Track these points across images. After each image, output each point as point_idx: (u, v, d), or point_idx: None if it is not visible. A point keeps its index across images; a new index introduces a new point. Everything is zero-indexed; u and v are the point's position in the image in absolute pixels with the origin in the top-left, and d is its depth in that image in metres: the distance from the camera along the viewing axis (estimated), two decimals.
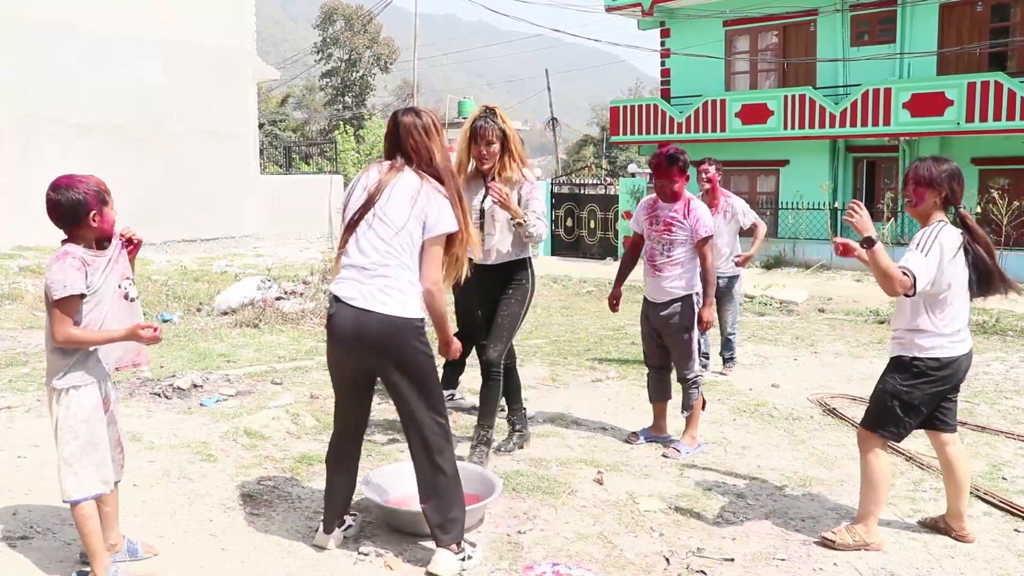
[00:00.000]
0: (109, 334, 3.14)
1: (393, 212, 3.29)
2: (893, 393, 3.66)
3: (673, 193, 4.93)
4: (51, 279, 3.03)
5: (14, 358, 6.87)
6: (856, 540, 3.67)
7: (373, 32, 56.38)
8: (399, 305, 3.26)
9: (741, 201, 7.02)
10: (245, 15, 17.26)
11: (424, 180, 3.33)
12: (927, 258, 3.54)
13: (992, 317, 10.10)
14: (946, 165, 3.73)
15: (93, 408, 3.15)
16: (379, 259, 3.28)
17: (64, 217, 3.09)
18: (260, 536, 3.67)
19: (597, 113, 62.72)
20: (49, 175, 12.46)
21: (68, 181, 3.12)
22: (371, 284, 3.27)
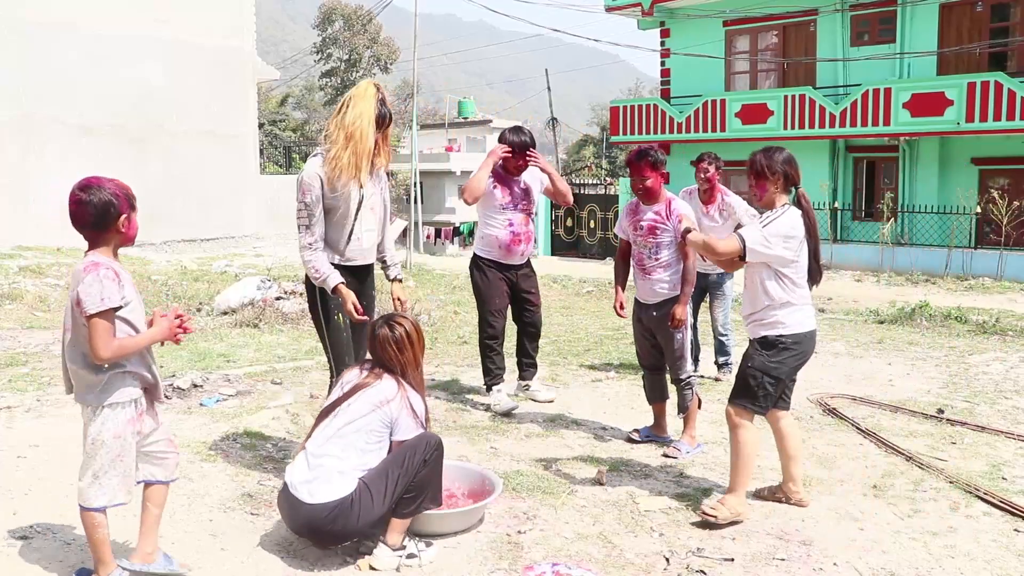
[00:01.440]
0: (150, 336, 3.05)
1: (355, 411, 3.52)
2: (763, 369, 3.95)
3: (647, 190, 4.86)
4: (86, 292, 2.88)
5: (14, 358, 6.87)
6: (732, 512, 3.89)
7: (373, 32, 56.37)
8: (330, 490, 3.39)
9: (740, 200, 6.90)
10: (245, 15, 17.26)
11: (400, 389, 3.55)
12: (764, 229, 3.87)
13: (992, 317, 10.09)
14: (778, 154, 4.05)
15: (126, 423, 3.07)
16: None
17: (93, 219, 2.94)
18: (260, 536, 3.67)
19: (597, 113, 62.72)
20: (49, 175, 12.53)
21: (97, 181, 2.96)
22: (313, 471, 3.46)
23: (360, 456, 3.46)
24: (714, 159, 6.73)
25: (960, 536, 3.83)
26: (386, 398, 3.51)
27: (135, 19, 15.33)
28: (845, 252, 18.46)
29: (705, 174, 6.67)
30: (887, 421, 5.70)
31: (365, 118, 3.96)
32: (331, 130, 4.02)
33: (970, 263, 16.50)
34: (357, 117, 3.95)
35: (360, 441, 3.47)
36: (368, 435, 3.49)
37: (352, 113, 3.96)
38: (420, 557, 3.43)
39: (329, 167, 3.97)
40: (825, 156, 19.96)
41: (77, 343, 2.98)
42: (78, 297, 2.90)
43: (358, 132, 3.94)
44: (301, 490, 3.39)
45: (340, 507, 3.34)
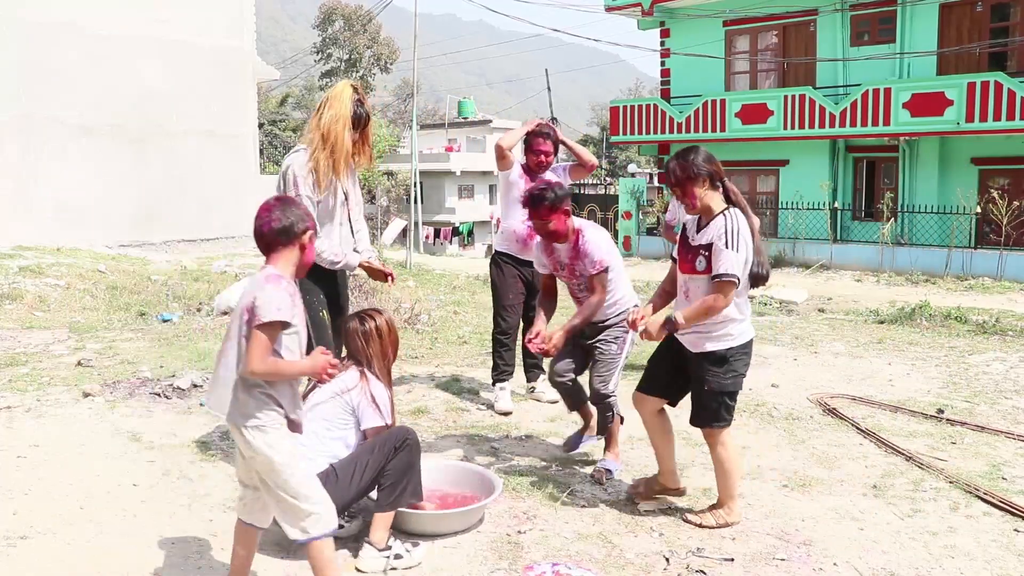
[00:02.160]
0: (303, 366, 2.93)
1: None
2: (721, 391, 3.83)
3: (552, 233, 4.41)
4: (264, 299, 2.78)
5: (14, 358, 6.87)
6: (719, 521, 3.88)
7: (373, 32, 56.40)
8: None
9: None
10: (245, 15, 17.25)
11: (362, 379, 3.61)
12: (739, 254, 3.65)
13: (992, 317, 10.09)
14: (694, 155, 3.79)
15: (287, 445, 2.91)
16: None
17: (280, 230, 2.87)
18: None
19: (597, 113, 62.74)
20: (49, 175, 12.47)
21: (288, 198, 2.99)
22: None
23: (320, 443, 3.50)
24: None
25: (960, 536, 3.83)
26: (346, 387, 3.57)
27: (135, 19, 15.32)
28: (845, 252, 18.47)
29: None
30: (887, 421, 5.70)
31: (341, 120, 3.98)
32: (309, 131, 4.06)
33: (970, 263, 16.50)
34: (332, 120, 3.97)
35: (319, 427, 3.51)
36: (326, 422, 3.53)
37: (328, 115, 3.98)
38: (407, 557, 3.42)
39: (312, 167, 4.00)
40: (825, 156, 19.97)
41: (236, 355, 2.86)
42: (253, 304, 2.79)
43: (334, 134, 3.97)
44: None
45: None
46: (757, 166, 21.02)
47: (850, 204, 20.00)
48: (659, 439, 4.11)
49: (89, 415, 5.32)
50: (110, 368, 6.59)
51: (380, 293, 10.26)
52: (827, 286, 15.50)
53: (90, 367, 6.59)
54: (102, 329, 8.37)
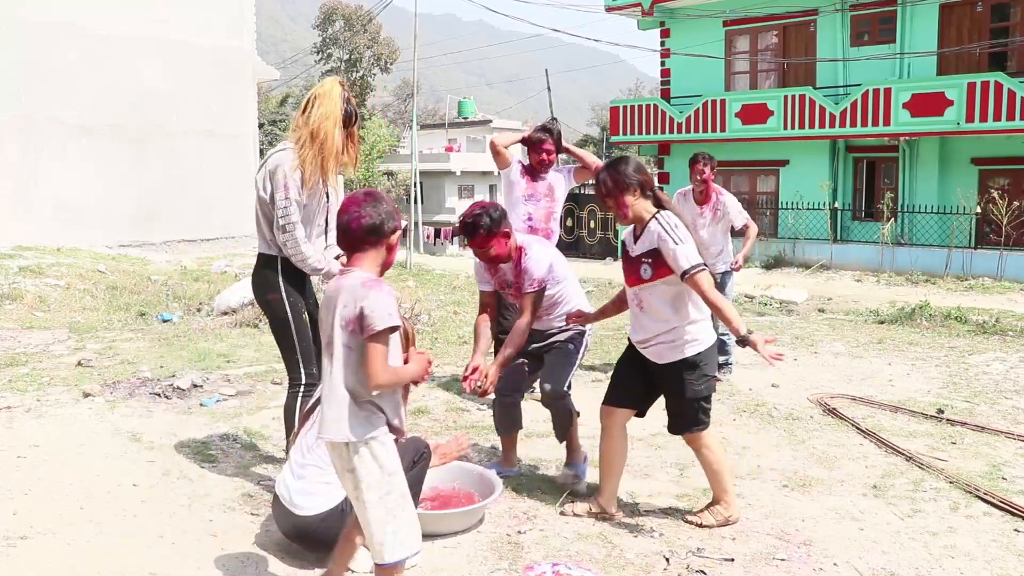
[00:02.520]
0: (412, 371, 2.79)
1: None
2: (696, 397, 3.80)
3: (495, 258, 4.24)
4: (374, 307, 2.61)
5: (14, 358, 6.87)
6: (718, 518, 3.88)
7: (373, 32, 56.37)
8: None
9: (734, 200, 6.87)
10: (245, 15, 17.25)
11: None
12: (689, 243, 3.65)
13: (992, 317, 10.09)
14: (623, 165, 3.75)
15: (396, 455, 2.80)
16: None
17: (369, 229, 2.72)
18: (260, 536, 3.67)
19: (597, 113, 62.71)
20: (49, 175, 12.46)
21: (375, 192, 2.79)
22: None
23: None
24: (708, 159, 6.70)
25: (960, 536, 3.83)
26: None
27: (135, 19, 15.31)
28: (845, 252, 18.47)
29: (701, 175, 6.66)
30: (887, 421, 5.70)
31: (331, 118, 3.88)
32: (297, 129, 3.94)
33: (970, 263, 16.50)
34: (323, 117, 3.87)
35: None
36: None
37: (318, 112, 3.88)
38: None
39: (295, 166, 3.89)
40: (825, 156, 19.97)
41: (343, 372, 2.69)
42: (362, 313, 2.62)
43: (323, 132, 3.86)
44: (290, 501, 3.39)
45: (330, 516, 3.33)
46: (757, 166, 21.02)
47: (850, 204, 20.00)
48: (616, 457, 3.98)
49: (89, 415, 5.32)
50: (110, 368, 6.58)
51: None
52: (827, 286, 15.50)
53: (90, 367, 6.59)
54: (102, 329, 8.37)
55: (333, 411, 2.70)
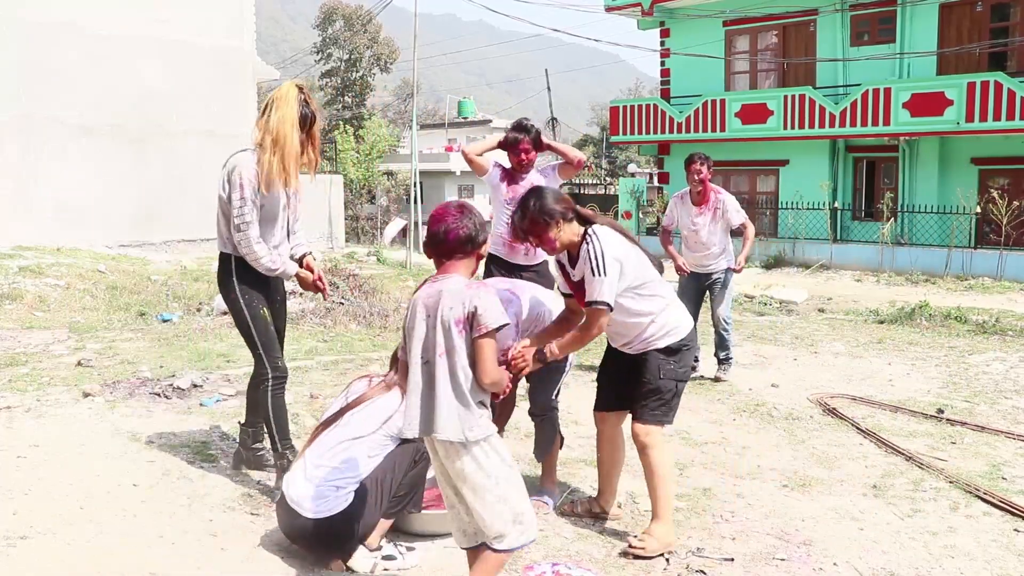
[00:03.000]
0: (504, 370, 2.93)
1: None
2: (675, 377, 3.67)
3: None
4: (486, 306, 2.72)
5: (14, 358, 6.87)
6: (662, 543, 3.58)
7: (373, 32, 56.37)
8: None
9: (732, 199, 6.86)
10: (245, 15, 17.25)
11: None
12: (608, 277, 3.46)
13: (992, 317, 10.09)
14: (534, 203, 3.54)
15: (506, 448, 2.92)
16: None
17: (467, 241, 2.83)
18: (260, 536, 3.67)
19: (597, 113, 62.73)
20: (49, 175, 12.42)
21: (467, 204, 2.92)
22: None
23: (360, 467, 3.45)
24: (704, 159, 6.67)
25: (960, 536, 3.83)
26: (390, 413, 3.51)
27: (135, 19, 15.31)
28: (845, 252, 18.47)
29: (698, 175, 6.65)
30: (887, 421, 5.70)
31: (288, 121, 3.96)
32: (258, 133, 4.01)
33: (970, 263, 16.50)
34: (280, 121, 3.95)
35: (363, 455, 3.47)
36: (371, 448, 3.49)
37: (275, 116, 3.96)
38: (400, 560, 3.42)
39: (260, 170, 3.97)
40: (825, 156, 19.97)
41: (454, 373, 2.76)
42: (475, 312, 2.72)
43: (282, 136, 3.94)
44: (297, 503, 3.38)
45: (335, 521, 3.34)
46: (757, 166, 21.02)
47: (850, 204, 20.00)
48: (614, 460, 3.94)
49: (89, 415, 5.32)
50: (110, 368, 6.58)
51: (381, 293, 10.26)
52: (827, 286, 15.50)
53: (90, 367, 6.59)
54: (102, 329, 8.37)
55: (444, 412, 2.75)
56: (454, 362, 2.75)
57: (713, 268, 6.88)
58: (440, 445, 2.81)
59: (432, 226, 2.86)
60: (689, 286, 6.95)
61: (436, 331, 2.76)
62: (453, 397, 2.76)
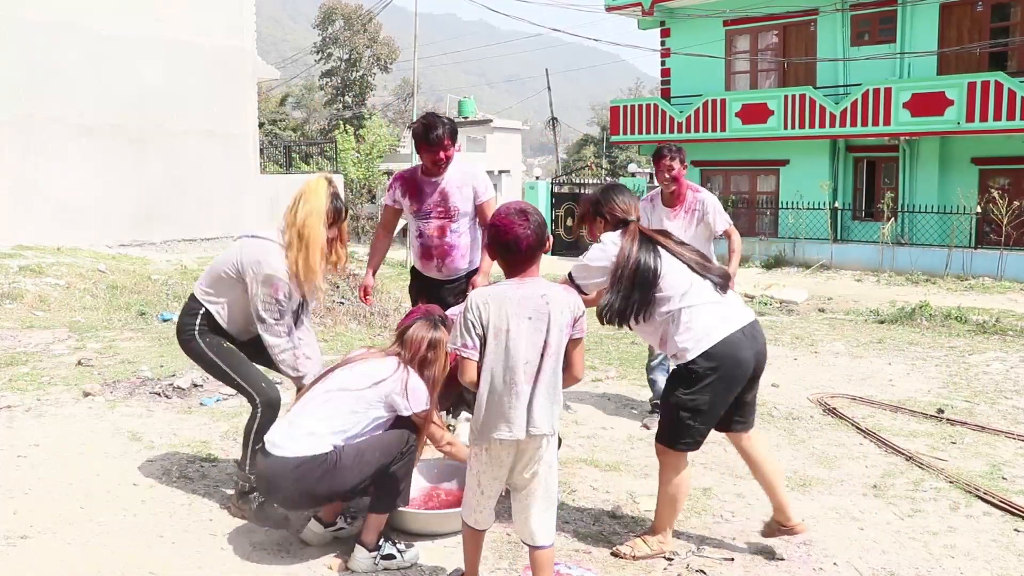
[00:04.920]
0: None
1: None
2: (677, 406, 3.42)
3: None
4: (582, 310, 3.02)
5: (14, 358, 6.87)
6: (653, 549, 3.54)
7: (373, 32, 56.39)
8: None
9: (714, 200, 5.60)
10: (245, 14, 17.24)
11: (401, 369, 3.44)
12: (587, 260, 3.47)
13: (992, 317, 10.10)
14: (604, 191, 3.61)
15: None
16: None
17: (538, 246, 2.97)
18: (260, 536, 3.67)
19: (597, 113, 62.77)
20: (49, 175, 12.45)
21: (527, 207, 3.01)
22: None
23: (341, 421, 3.36)
24: (676, 152, 5.50)
25: (960, 536, 3.83)
26: (384, 376, 3.42)
27: (135, 19, 15.31)
28: (845, 252, 18.47)
29: (669, 171, 5.46)
30: (887, 421, 5.70)
31: (315, 215, 3.76)
32: (286, 227, 3.79)
33: (970, 263, 16.50)
34: (308, 214, 3.74)
35: (345, 408, 3.38)
36: (356, 403, 3.39)
37: (304, 210, 3.75)
38: (399, 558, 3.41)
39: (289, 268, 3.74)
40: (825, 156, 19.98)
41: (554, 372, 2.94)
42: (580, 317, 3.00)
43: (309, 231, 3.73)
44: (273, 443, 3.37)
45: (305, 465, 3.27)
46: (757, 166, 21.02)
47: (850, 204, 20.00)
48: (758, 473, 3.68)
49: (89, 415, 5.32)
50: (110, 368, 6.58)
51: (381, 293, 10.26)
52: (827, 286, 15.50)
53: (90, 367, 6.59)
54: (102, 329, 8.37)
55: (544, 407, 2.92)
56: (557, 360, 2.94)
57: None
58: (528, 440, 2.92)
59: (502, 236, 2.95)
60: None
61: (544, 333, 2.91)
62: (551, 393, 2.94)
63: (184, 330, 3.94)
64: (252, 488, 3.80)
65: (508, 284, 2.96)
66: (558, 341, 2.92)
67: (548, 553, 2.98)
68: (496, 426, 2.89)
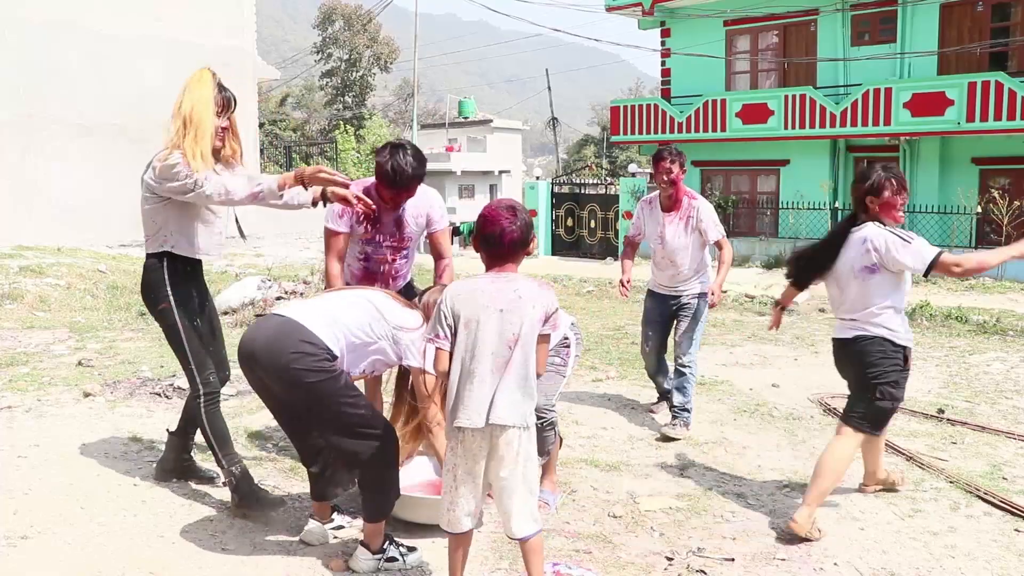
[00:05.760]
0: None
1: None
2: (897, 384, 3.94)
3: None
4: (556, 306, 3.01)
5: (14, 358, 6.87)
6: (804, 528, 3.75)
7: (373, 32, 56.41)
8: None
9: (710, 208, 5.49)
10: (245, 14, 17.26)
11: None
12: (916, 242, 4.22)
13: (993, 317, 10.09)
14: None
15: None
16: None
17: (521, 243, 3.03)
18: (260, 536, 3.67)
19: (597, 113, 62.81)
20: (49, 175, 12.49)
21: (516, 205, 3.07)
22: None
23: (361, 328, 3.32)
24: (676, 155, 5.38)
25: (960, 536, 3.83)
26: (405, 325, 3.41)
27: (135, 18, 15.33)
28: None
29: (668, 175, 5.36)
30: None
31: (203, 102, 3.75)
32: (171, 119, 3.77)
33: None
34: (195, 102, 3.73)
35: (368, 323, 3.34)
36: (379, 327, 3.35)
37: (189, 99, 3.74)
38: (401, 561, 3.41)
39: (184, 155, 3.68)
40: (825, 156, 19.97)
41: (524, 364, 2.95)
42: (551, 313, 2.98)
43: (197, 116, 3.71)
44: (289, 310, 3.34)
45: (311, 347, 3.19)
46: (757, 166, 21.00)
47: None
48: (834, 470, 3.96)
49: (89, 415, 5.32)
50: (110, 368, 6.59)
51: None
52: None
53: (90, 367, 6.59)
54: (102, 329, 8.37)
55: (508, 396, 2.92)
56: (527, 353, 2.94)
57: (683, 291, 5.54)
58: (497, 431, 2.91)
59: (486, 228, 3.00)
60: (653, 311, 5.69)
61: (514, 325, 2.92)
62: (521, 386, 2.94)
63: (155, 288, 3.85)
64: (243, 474, 3.86)
65: (484, 277, 3.01)
66: (529, 334, 2.93)
67: (535, 541, 2.98)
68: (459, 414, 2.93)
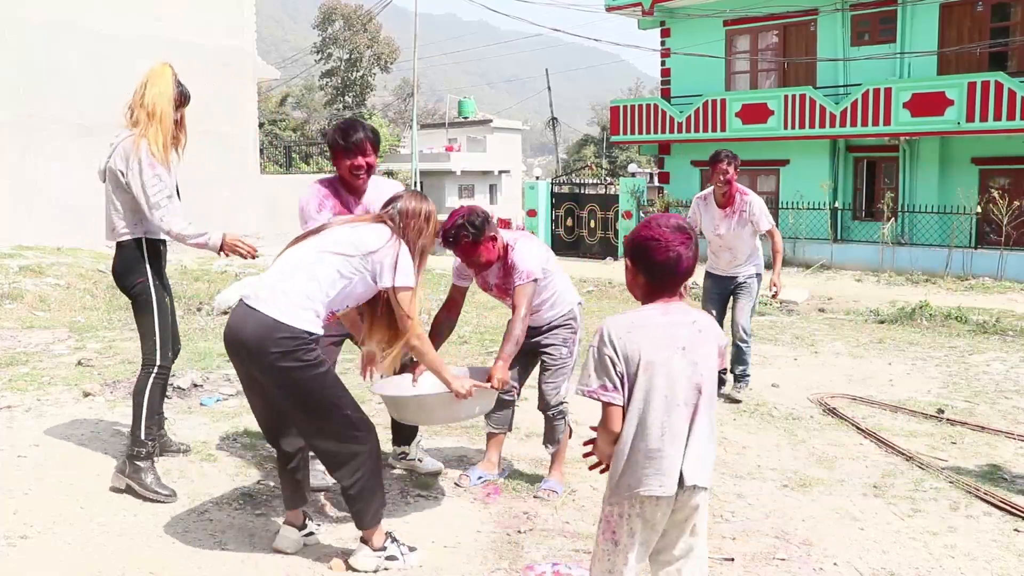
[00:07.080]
0: None
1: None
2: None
3: (484, 264, 4.05)
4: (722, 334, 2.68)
5: (14, 358, 6.87)
6: None
7: (373, 32, 56.40)
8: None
9: (760, 201, 6.26)
10: (245, 14, 17.25)
11: (395, 239, 3.33)
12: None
13: (992, 317, 10.09)
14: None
15: None
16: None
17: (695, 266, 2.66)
18: (260, 536, 3.67)
19: (597, 113, 62.80)
20: (49, 175, 12.50)
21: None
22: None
23: (330, 283, 3.26)
24: (732, 158, 6.19)
25: (960, 536, 3.83)
26: (371, 248, 3.30)
27: (135, 18, 15.33)
28: (845, 252, 18.47)
29: (724, 175, 6.15)
30: (887, 421, 5.70)
31: (164, 96, 4.04)
32: (132, 113, 4.05)
33: (970, 263, 16.50)
34: (157, 96, 4.02)
35: (334, 271, 3.27)
36: (345, 266, 3.28)
37: (151, 92, 4.02)
38: (401, 560, 3.41)
39: (150, 146, 3.98)
40: (825, 156, 19.97)
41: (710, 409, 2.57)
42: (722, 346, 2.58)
43: (159, 110, 4.00)
44: (257, 298, 3.36)
45: (289, 349, 3.22)
46: (757, 166, 21.00)
47: (850, 204, 20.00)
48: None
49: (89, 415, 5.32)
50: (110, 368, 6.58)
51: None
52: (827, 286, 15.50)
53: (90, 367, 6.59)
54: (102, 328, 8.37)
55: (701, 451, 2.45)
56: (712, 396, 2.47)
57: (739, 272, 6.36)
58: (686, 495, 2.45)
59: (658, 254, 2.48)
60: (713, 290, 6.48)
61: (700, 365, 2.45)
62: (711, 437, 2.47)
63: (133, 268, 4.11)
64: (148, 454, 4.02)
65: (651, 310, 2.49)
66: (712, 372, 2.47)
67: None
68: (650, 481, 2.40)
